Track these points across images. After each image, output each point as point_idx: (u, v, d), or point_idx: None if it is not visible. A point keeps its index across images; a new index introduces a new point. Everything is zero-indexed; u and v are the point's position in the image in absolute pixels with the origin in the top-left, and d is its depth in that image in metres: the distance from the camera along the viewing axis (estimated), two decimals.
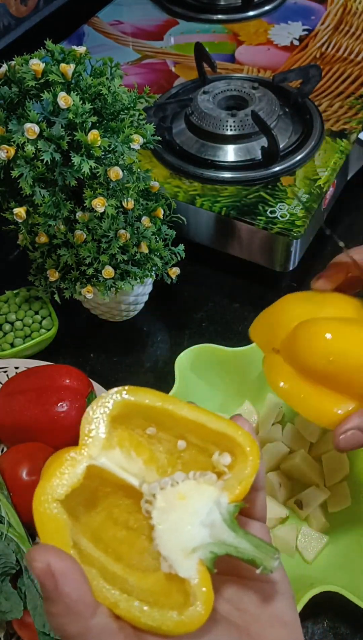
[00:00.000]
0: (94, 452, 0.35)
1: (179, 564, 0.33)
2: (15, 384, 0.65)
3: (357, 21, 0.99)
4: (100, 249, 0.63)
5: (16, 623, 0.52)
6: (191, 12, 1.05)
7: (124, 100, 0.59)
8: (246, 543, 0.34)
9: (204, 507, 0.34)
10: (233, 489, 0.35)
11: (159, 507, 0.34)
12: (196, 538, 0.34)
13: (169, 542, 0.34)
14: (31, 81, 0.56)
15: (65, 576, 0.30)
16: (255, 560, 0.33)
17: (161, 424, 0.37)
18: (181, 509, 0.34)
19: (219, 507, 0.34)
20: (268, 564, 0.33)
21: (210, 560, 0.33)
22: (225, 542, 0.34)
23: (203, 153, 0.79)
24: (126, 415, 0.36)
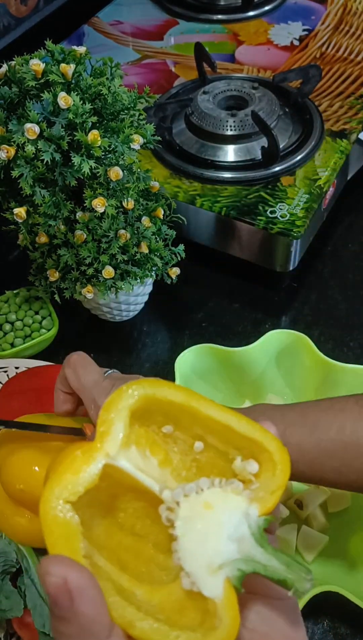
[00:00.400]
0: (112, 450, 0.31)
1: (204, 581, 0.30)
2: (16, 384, 0.65)
3: (357, 21, 0.99)
4: (100, 249, 0.63)
5: (16, 623, 0.52)
6: (191, 12, 1.05)
7: (124, 100, 0.59)
8: (276, 561, 0.30)
9: (232, 519, 0.31)
10: (263, 500, 0.31)
11: (183, 517, 0.31)
12: (224, 553, 0.30)
13: (193, 556, 0.30)
14: (31, 81, 0.56)
15: (82, 594, 0.27)
16: (286, 581, 0.30)
17: (179, 422, 0.34)
18: (208, 519, 0.31)
19: (248, 519, 0.31)
20: (300, 586, 0.30)
21: (237, 578, 0.30)
22: (254, 559, 0.30)
23: (203, 153, 0.79)
24: (145, 410, 0.33)
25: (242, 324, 0.77)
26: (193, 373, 0.65)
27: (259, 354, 0.65)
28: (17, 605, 0.50)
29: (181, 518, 0.31)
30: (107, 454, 0.31)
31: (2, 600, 0.50)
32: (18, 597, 0.50)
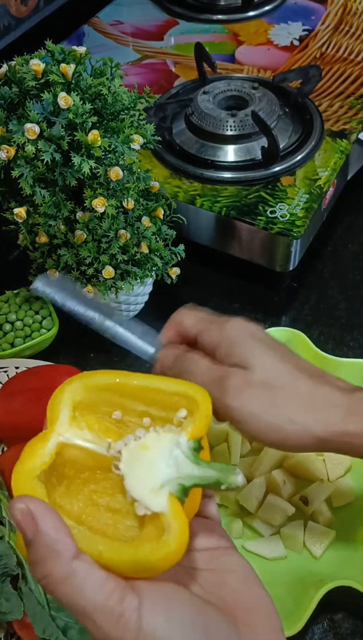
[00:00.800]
0: (62, 429, 0.37)
1: (150, 500, 0.34)
2: (16, 384, 0.65)
3: (357, 21, 0.99)
4: (100, 249, 0.63)
5: (16, 624, 0.52)
6: (191, 12, 1.05)
7: (124, 100, 0.59)
8: (209, 470, 0.36)
9: (166, 450, 0.36)
10: (189, 429, 0.37)
11: (125, 461, 0.36)
12: (163, 476, 0.35)
13: (138, 486, 0.35)
14: (31, 81, 0.56)
15: (44, 515, 0.31)
16: (219, 480, 0.35)
17: (124, 405, 0.39)
18: (146, 456, 0.36)
19: (180, 446, 0.36)
20: (231, 480, 0.35)
21: (178, 491, 0.35)
22: (190, 474, 0.35)
23: (203, 153, 0.79)
24: (92, 404, 0.38)
25: None
26: None
27: None
28: (18, 607, 0.50)
29: (124, 462, 0.36)
30: (58, 434, 0.36)
31: (3, 602, 0.50)
32: (18, 600, 0.50)
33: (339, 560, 0.57)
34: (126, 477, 0.36)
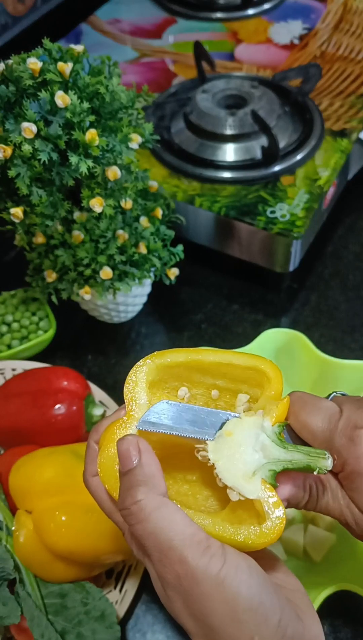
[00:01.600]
0: (140, 415, 0.38)
1: (245, 488, 0.36)
2: (12, 386, 0.64)
3: (357, 19, 0.99)
4: (98, 250, 0.62)
5: (14, 628, 0.52)
6: (190, 10, 1.04)
7: (122, 99, 0.58)
8: (297, 454, 0.37)
9: (252, 435, 0.37)
10: (271, 412, 0.38)
11: (212, 449, 0.37)
12: (253, 462, 0.37)
13: (230, 473, 0.36)
14: (28, 80, 0.55)
15: (148, 453, 0.35)
16: (310, 465, 0.36)
17: (192, 379, 0.41)
18: (232, 442, 0.37)
19: (265, 431, 0.38)
20: (322, 465, 0.36)
21: (270, 477, 0.36)
22: (279, 458, 0.37)
23: (202, 152, 0.79)
24: (161, 380, 0.40)
25: (242, 325, 0.77)
26: None
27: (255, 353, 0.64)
28: (15, 612, 0.50)
29: (211, 451, 0.37)
30: (138, 419, 0.38)
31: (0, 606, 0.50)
32: (15, 604, 0.50)
33: (339, 564, 0.57)
34: (217, 465, 0.37)
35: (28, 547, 0.51)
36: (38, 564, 0.52)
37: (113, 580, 0.57)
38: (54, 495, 0.52)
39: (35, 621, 0.50)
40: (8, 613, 0.50)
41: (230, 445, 0.37)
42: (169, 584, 0.33)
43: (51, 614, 0.52)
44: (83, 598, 0.53)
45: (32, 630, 0.50)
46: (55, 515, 0.50)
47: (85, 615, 0.52)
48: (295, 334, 0.64)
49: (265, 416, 0.38)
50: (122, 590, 0.56)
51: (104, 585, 0.57)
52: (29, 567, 0.52)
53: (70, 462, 0.53)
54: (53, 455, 0.54)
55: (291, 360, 0.65)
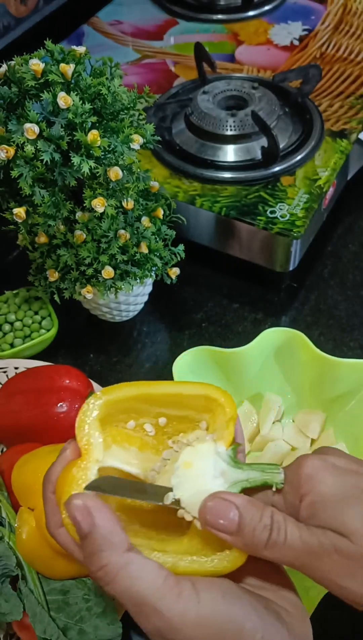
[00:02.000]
0: (98, 456, 0.38)
1: None
2: (15, 385, 0.65)
3: (357, 21, 0.99)
4: (100, 249, 0.63)
5: (16, 624, 0.52)
6: (191, 11, 1.05)
7: (123, 100, 0.59)
8: (253, 472, 0.38)
9: (209, 463, 0.38)
10: (223, 436, 0.39)
11: (174, 484, 0.38)
12: (215, 489, 0.37)
13: (195, 504, 0.37)
14: (31, 81, 0.56)
15: (100, 510, 0.34)
16: (266, 481, 0.38)
17: (140, 411, 0.41)
18: (192, 474, 0.38)
19: (221, 456, 0.38)
20: (277, 479, 0.38)
21: None
22: (237, 480, 0.38)
23: (203, 153, 0.79)
24: (110, 414, 0.40)
25: (242, 324, 0.77)
26: (191, 374, 0.65)
27: (256, 353, 0.65)
28: (17, 608, 0.50)
29: (174, 486, 0.38)
30: (97, 460, 0.38)
31: (2, 603, 0.50)
32: (18, 601, 0.50)
33: None
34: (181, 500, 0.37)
35: (30, 544, 0.52)
36: (40, 561, 0.52)
37: None
38: None
39: (38, 618, 0.50)
40: (10, 610, 0.50)
41: (192, 476, 0.38)
42: (152, 634, 0.34)
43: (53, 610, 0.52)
44: (85, 595, 0.53)
45: (35, 626, 0.50)
46: None
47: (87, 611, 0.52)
48: (294, 333, 0.64)
49: (217, 441, 0.39)
50: None
51: None
52: (31, 563, 0.53)
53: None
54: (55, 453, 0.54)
55: (291, 359, 0.65)
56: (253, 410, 0.66)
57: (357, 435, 0.62)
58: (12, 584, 0.52)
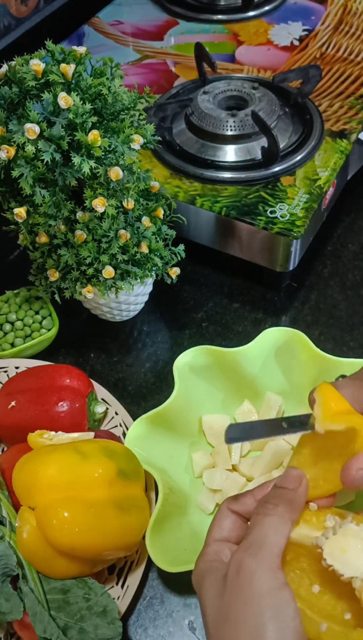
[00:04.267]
0: None
1: None
2: (16, 384, 0.65)
3: (357, 21, 0.99)
4: (100, 249, 0.63)
5: (16, 624, 0.52)
6: (191, 12, 1.05)
7: (124, 100, 0.59)
8: None
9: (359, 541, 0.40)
10: None
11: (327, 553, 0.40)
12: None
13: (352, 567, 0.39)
14: (31, 81, 0.56)
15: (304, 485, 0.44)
16: None
17: None
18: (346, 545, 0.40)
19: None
20: None
21: None
22: None
23: (203, 153, 0.79)
24: None
25: (242, 324, 0.77)
26: (191, 374, 0.65)
27: (255, 352, 0.65)
28: (17, 607, 0.50)
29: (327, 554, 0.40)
30: None
31: (2, 602, 0.50)
32: (18, 600, 0.51)
33: None
34: (334, 565, 0.39)
35: (31, 543, 0.52)
36: (41, 560, 0.52)
37: (115, 576, 0.58)
38: (57, 491, 0.52)
39: (38, 617, 0.50)
40: (11, 609, 0.51)
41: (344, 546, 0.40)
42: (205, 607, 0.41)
43: (53, 609, 0.52)
44: (85, 594, 0.53)
45: (35, 626, 0.50)
46: (58, 512, 0.51)
47: (87, 610, 0.52)
48: (294, 332, 0.64)
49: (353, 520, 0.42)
50: (124, 586, 0.57)
51: (106, 581, 0.57)
52: (31, 563, 0.53)
53: (72, 459, 0.54)
54: (56, 453, 0.55)
55: (291, 358, 0.65)
56: (253, 410, 0.67)
57: None
58: (12, 583, 0.52)
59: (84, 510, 0.52)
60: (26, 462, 0.54)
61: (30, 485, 0.53)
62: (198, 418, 0.66)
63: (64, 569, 0.53)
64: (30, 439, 0.58)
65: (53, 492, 0.52)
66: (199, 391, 0.65)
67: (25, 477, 0.53)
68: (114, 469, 0.54)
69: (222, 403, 0.67)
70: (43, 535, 0.51)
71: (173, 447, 0.63)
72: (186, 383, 0.64)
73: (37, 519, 0.52)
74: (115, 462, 0.55)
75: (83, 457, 0.54)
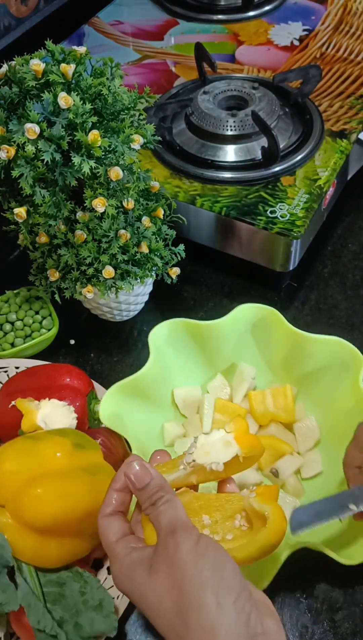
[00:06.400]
0: None
1: None
2: (16, 384, 0.65)
3: (357, 21, 0.99)
4: (100, 249, 0.63)
5: (14, 623, 0.52)
6: (192, 12, 1.05)
7: (124, 100, 0.59)
8: None
9: None
10: None
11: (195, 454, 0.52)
12: None
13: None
14: (32, 81, 0.56)
15: (153, 469, 0.46)
16: None
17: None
18: None
19: None
20: None
21: None
22: None
23: (203, 153, 0.79)
24: None
25: None
26: (167, 346, 0.66)
27: (230, 327, 0.67)
28: (14, 599, 0.50)
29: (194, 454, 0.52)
30: None
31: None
32: (14, 591, 0.50)
33: None
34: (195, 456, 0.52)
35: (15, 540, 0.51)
36: (31, 553, 0.52)
37: None
38: (20, 479, 0.52)
39: (32, 608, 0.50)
40: (7, 600, 0.50)
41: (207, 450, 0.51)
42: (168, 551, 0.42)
43: (49, 602, 0.52)
44: (81, 587, 0.53)
45: (29, 617, 0.49)
46: (29, 493, 0.51)
47: (83, 605, 0.52)
48: (269, 309, 0.66)
49: None
50: None
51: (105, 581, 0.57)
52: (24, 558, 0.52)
53: (25, 444, 0.54)
54: (8, 447, 0.54)
55: (265, 335, 0.68)
56: (225, 383, 0.69)
57: (326, 409, 0.65)
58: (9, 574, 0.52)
59: (53, 482, 0.51)
60: None
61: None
62: (171, 389, 0.68)
63: (57, 552, 0.52)
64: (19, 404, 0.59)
65: (17, 481, 0.52)
66: (174, 363, 0.67)
67: None
68: (70, 443, 0.55)
69: (196, 376, 0.69)
70: (22, 523, 0.51)
71: (147, 417, 0.65)
72: (161, 355, 0.65)
73: (11, 513, 0.51)
74: (68, 438, 0.55)
75: (35, 440, 0.54)
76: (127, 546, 0.45)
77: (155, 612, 0.41)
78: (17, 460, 0.53)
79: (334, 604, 0.57)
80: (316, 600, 0.57)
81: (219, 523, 0.49)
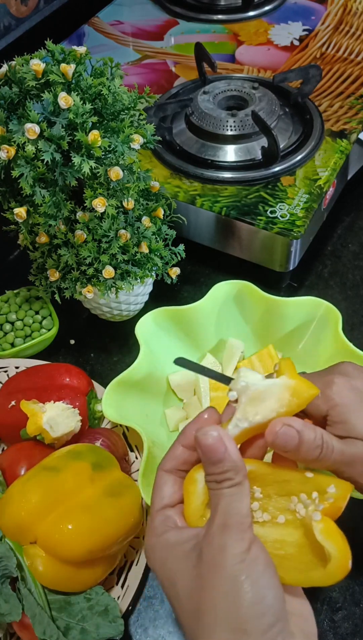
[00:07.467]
0: None
1: None
2: (16, 384, 0.65)
3: (357, 21, 0.99)
4: (100, 249, 0.63)
5: (16, 625, 0.52)
6: (192, 12, 1.05)
7: (124, 100, 0.59)
8: None
9: None
10: None
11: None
12: None
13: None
14: (32, 81, 0.56)
15: (232, 442, 0.40)
16: None
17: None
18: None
19: None
20: None
21: None
22: None
23: (203, 153, 0.79)
24: None
25: None
26: (154, 336, 0.67)
27: (209, 306, 0.68)
28: (16, 609, 0.50)
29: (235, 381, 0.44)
30: None
31: (1, 604, 0.50)
32: (17, 601, 0.50)
33: None
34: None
35: (50, 573, 0.51)
36: (65, 582, 0.52)
37: (115, 576, 0.58)
38: (48, 515, 0.51)
39: (37, 618, 0.50)
40: (10, 610, 0.50)
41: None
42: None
43: (54, 610, 0.52)
44: (86, 594, 0.53)
45: (34, 627, 0.50)
46: (60, 529, 0.50)
47: (88, 610, 0.52)
48: (243, 283, 0.68)
49: None
50: (124, 586, 0.57)
51: (106, 582, 0.57)
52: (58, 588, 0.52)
53: (46, 478, 0.53)
54: (30, 482, 0.53)
55: (244, 307, 0.70)
56: (216, 362, 0.70)
57: (312, 366, 0.66)
58: (12, 584, 0.52)
59: (81, 514, 0.51)
60: (6, 505, 0.52)
61: (19, 525, 0.51)
62: (165, 377, 0.68)
63: (90, 576, 0.53)
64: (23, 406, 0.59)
65: (45, 518, 0.51)
66: (164, 351, 0.68)
67: (10, 519, 0.52)
68: (88, 467, 0.54)
69: None
70: (57, 557, 0.51)
71: (147, 406, 0.65)
72: (150, 345, 0.66)
73: (44, 548, 0.51)
74: (85, 461, 0.55)
75: (55, 471, 0.53)
76: (165, 523, 0.42)
77: (178, 605, 0.39)
78: (41, 496, 0.52)
79: (334, 604, 0.57)
80: (316, 600, 0.57)
81: (272, 499, 0.44)
